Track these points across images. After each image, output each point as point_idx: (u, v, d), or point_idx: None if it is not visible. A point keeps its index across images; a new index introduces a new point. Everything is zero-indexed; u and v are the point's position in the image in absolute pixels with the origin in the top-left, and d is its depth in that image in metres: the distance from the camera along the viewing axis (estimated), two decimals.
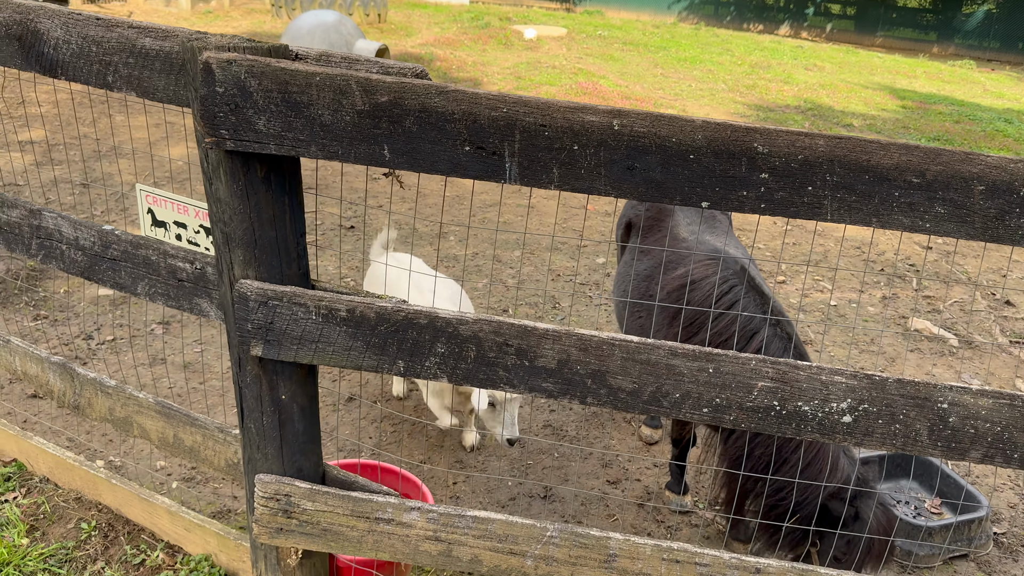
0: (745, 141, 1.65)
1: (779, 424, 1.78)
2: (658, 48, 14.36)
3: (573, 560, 1.99)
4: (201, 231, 2.04)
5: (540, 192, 6.82)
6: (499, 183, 1.71)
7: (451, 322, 1.80)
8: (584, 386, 1.82)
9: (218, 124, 1.68)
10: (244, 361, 1.92)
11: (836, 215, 1.69)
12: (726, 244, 2.76)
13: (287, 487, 2.01)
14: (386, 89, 1.65)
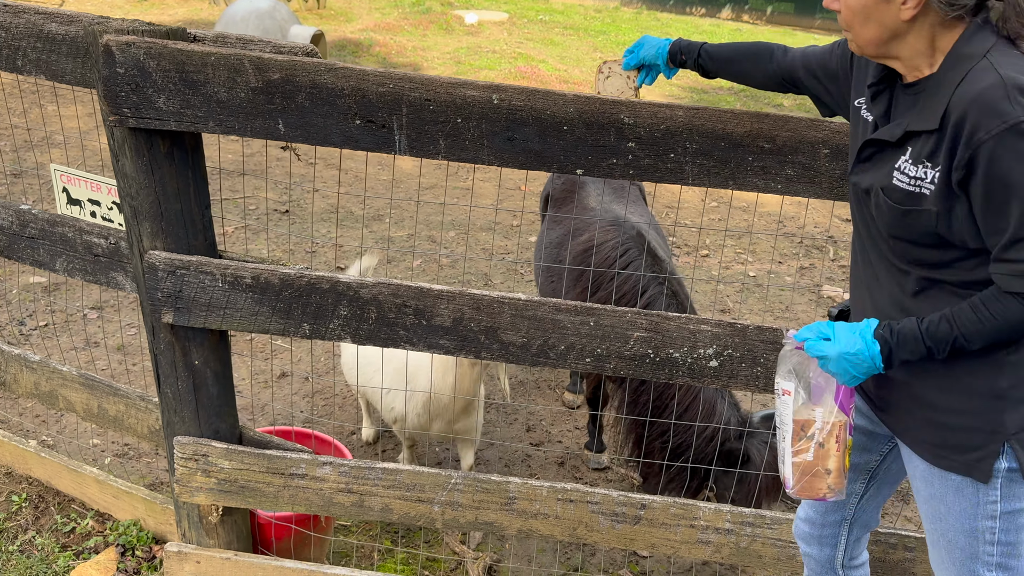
0: (612, 113, 1.80)
1: (654, 370, 1.95)
2: (599, 32, 14.54)
3: (476, 504, 2.15)
4: (114, 207, 2.13)
5: (478, 175, 6.95)
6: (390, 154, 1.84)
7: (352, 286, 1.93)
8: (478, 342, 1.97)
9: (120, 103, 1.79)
10: (157, 329, 2.03)
11: (696, 179, 1.86)
12: (629, 212, 2.93)
13: (204, 447, 2.13)
14: (277, 67, 1.76)
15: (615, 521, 2.14)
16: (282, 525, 2.33)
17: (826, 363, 1.52)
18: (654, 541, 2.15)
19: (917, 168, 1.41)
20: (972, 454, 1.50)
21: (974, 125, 1.31)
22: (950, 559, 1.61)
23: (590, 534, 2.16)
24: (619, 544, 2.17)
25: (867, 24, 1.43)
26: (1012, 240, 1.33)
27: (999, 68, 1.32)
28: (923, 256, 1.47)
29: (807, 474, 1.62)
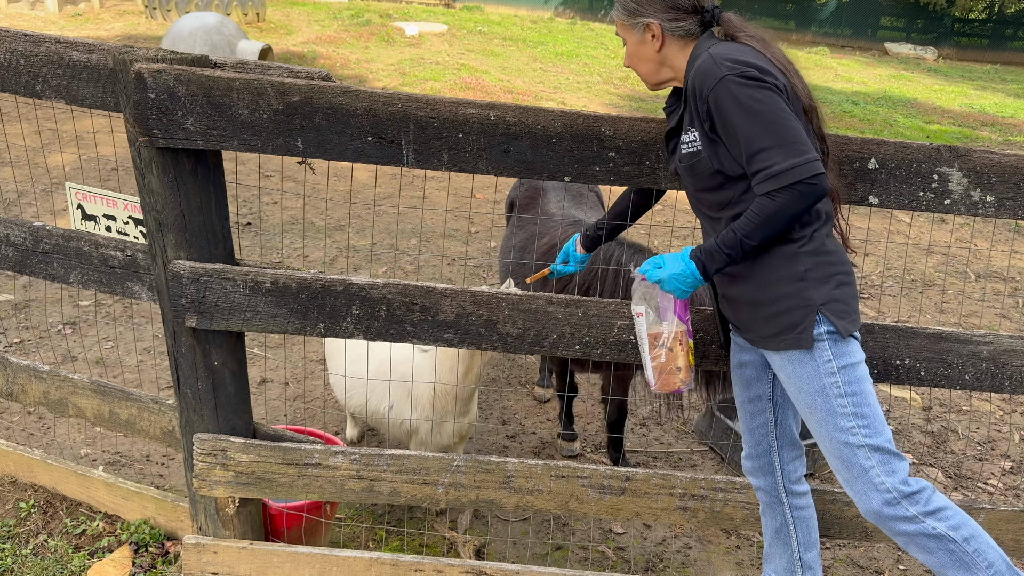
0: (595, 127, 2.05)
1: (635, 353, 2.19)
2: (536, 43, 14.88)
3: (477, 484, 2.35)
4: (130, 222, 2.28)
5: (431, 184, 7.14)
6: (399, 167, 2.04)
7: (363, 287, 2.12)
8: (479, 334, 2.18)
9: (151, 125, 1.95)
10: (179, 333, 2.19)
11: (670, 183, 2.12)
12: (587, 216, 3.20)
13: (223, 443, 2.29)
14: (297, 90, 1.95)
15: (603, 493, 2.37)
16: (293, 514, 2.50)
17: (662, 284, 1.97)
18: (638, 510, 2.39)
19: (687, 135, 1.95)
20: (796, 330, 1.92)
21: (700, 87, 1.85)
22: (819, 424, 1.96)
23: (580, 506, 2.38)
24: (606, 514, 2.40)
25: (641, 64, 2.04)
26: (749, 156, 1.81)
27: (712, 51, 1.88)
28: (719, 198, 1.96)
29: (663, 373, 2.05)
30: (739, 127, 1.81)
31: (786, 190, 1.78)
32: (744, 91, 1.80)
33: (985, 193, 2.13)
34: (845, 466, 1.96)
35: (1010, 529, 2.40)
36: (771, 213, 1.81)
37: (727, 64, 1.83)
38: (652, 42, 1.99)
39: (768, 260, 1.94)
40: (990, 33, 27.05)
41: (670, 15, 1.97)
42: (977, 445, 3.98)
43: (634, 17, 1.99)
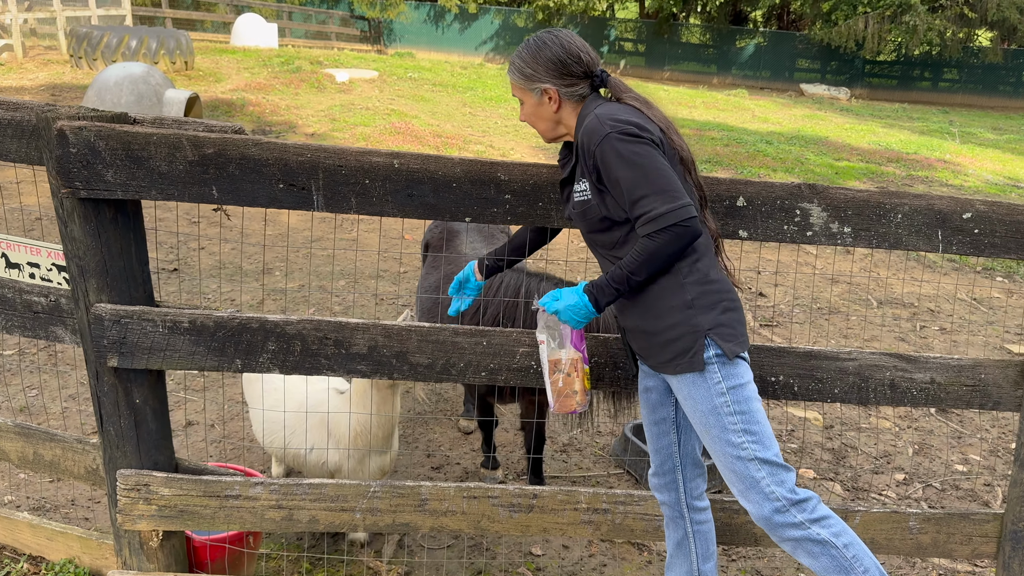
0: (492, 171, 2.25)
1: (537, 378, 2.38)
2: (466, 88, 15.24)
3: (393, 508, 2.49)
4: (53, 269, 2.38)
5: (362, 226, 7.29)
6: (310, 211, 2.21)
7: (279, 323, 2.27)
8: (391, 364, 2.34)
9: (72, 177, 2.08)
10: (101, 373, 2.29)
11: (562, 221, 2.33)
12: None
13: (146, 478, 2.38)
14: (211, 143, 2.11)
15: (512, 511, 2.53)
16: (216, 546, 2.59)
17: (559, 315, 2.16)
18: (546, 525, 2.55)
19: (579, 184, 2.17)
20: (688, 354, 2.12)
21: (588, 144, 2.08)
22: (713, 440, 2.16)
23: (492, 524, 2.54)
24: (517, 531, 2.56)
25: (538, 120, 2.25)
26: (631, 202, 2.04)
27: (598, 111, 2.12)
28: (609, 239, 2.18)
29: (561, 396, 2.24)
30: (622, 178, 2.04)
31: (664, 231, 2.01)
32: (625, 146, 2.03)
33: (843, 225, 2.40)
34: (738, 478, 2.16)
35: (883, 529, 2.64)
36: (652, 252, 2.03)
37: (610, 123, 2.06)
38: (549, 104, 2.20)
39: (657, 292, 2.15)
40: (898, 74, 28.67)
41: (565, 81, 2.18)
42: (874, 459, 4.27)
43: (532, 82, 2.19)
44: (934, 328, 6.18)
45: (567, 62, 2.18)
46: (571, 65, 2.18)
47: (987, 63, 27.21)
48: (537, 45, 2.20)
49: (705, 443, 2.22)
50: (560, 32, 2.23)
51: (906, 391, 2.54)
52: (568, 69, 2.18)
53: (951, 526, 2.66)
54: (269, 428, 3.07)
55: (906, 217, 2.39)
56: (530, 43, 2.23)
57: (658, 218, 2.00)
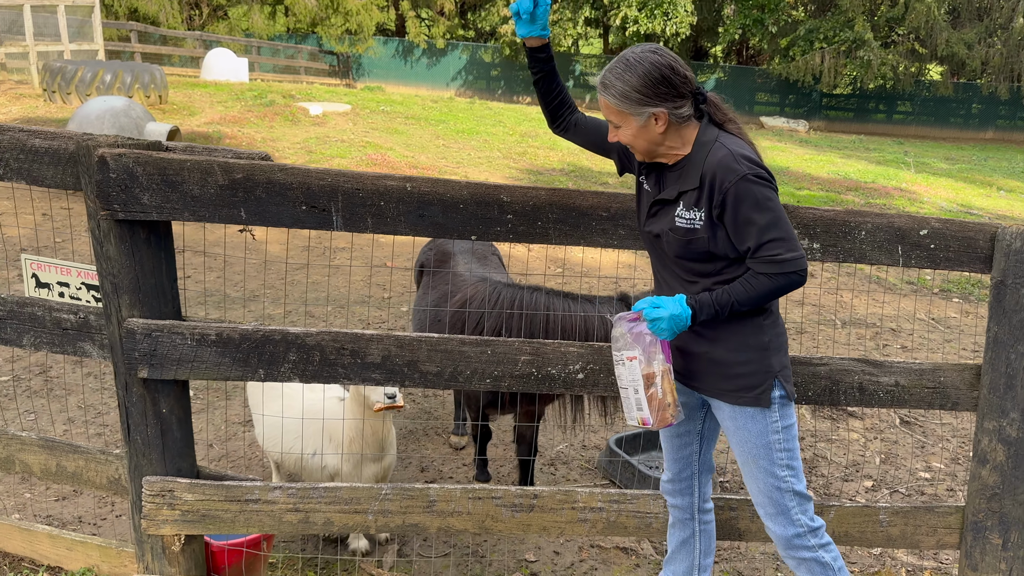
0: (495, 194, 2.46)
1: (537, 384, 2.57)
2: (438, 121, 15.53)
3: (404, 510, 2.65)
4: (83, 288, 2.53)
5: (343, 255, 7.45)
6: (329, 231, 2.39)
7: (299, 335, 2.44)
8: (403, 373, 2.51)
9: (111, 200, 2.24)
10: (131, 384, 2.43)
11: (558, 239, 2.54)
12: (490, 273, 3.63)
13: (170, 484, 2.52)
14: (240, 169, 2.30)
15: (514, 511, 2.70)
16: (233, 550, 2.72)
17: (658, 322, 2.17)
18: (545, 524, 2.73)
19: (689, 212, 2.19)
20: (756, 390, 2.27)
21: (720, 180, 2.11)
22: (757, 469, 2.35)
23: (496, 524, 2.71)
24: (518, 530, 2.73)
25: (639, 141, 2.22)
26: (757, 245, 2.12)
27: (727, 145, 2.16)
28: (703, 269, 2.25)
29: (659, 409, 2.25)
30: (753, 221, 2.10)
31: (784, 276, 2.13)
32: (761, 191, 2.10)
33: (812, 242, 2.64)
34: (771, 503, 2.38)
35: (856, 522, 2.85)
36: (766, 291, 2.15)
37: (746, 163, 2.11)
38: (656, 126, 2.17)
39: (739, 328, 2.25)
40: (854, 107, 29.66)
41: (675, 104, 2.15)
42: (844, 468, 4.50)
43: (639, 107, 2.14)
44: (896, 346, 6.48)
45: (676, 83, 2.14)
46: (679, 86, 2.15)
47: (938, 96, 28.27)
48: (644, 66, 2.13)
49: (745, 468, 2.39)
50: (662, 49, 2.17)
51: (873, 393, 2.77)
52: (677, 90, 2.15)
53: (917, 519, 2.88)
54: (276, 435, 3.21)
55: (869, 234, 2.64)
56: (632, 63, 2.14)
57: (783, 263, 2.11)
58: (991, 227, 2.74)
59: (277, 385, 3.36)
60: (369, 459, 3.17)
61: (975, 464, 2.88)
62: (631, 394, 2.28)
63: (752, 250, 2.14)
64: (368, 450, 3.15)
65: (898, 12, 25.40)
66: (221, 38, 23.36)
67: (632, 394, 2.28)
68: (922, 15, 24.65)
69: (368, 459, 3.17)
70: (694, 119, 2.22)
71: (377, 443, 3.16)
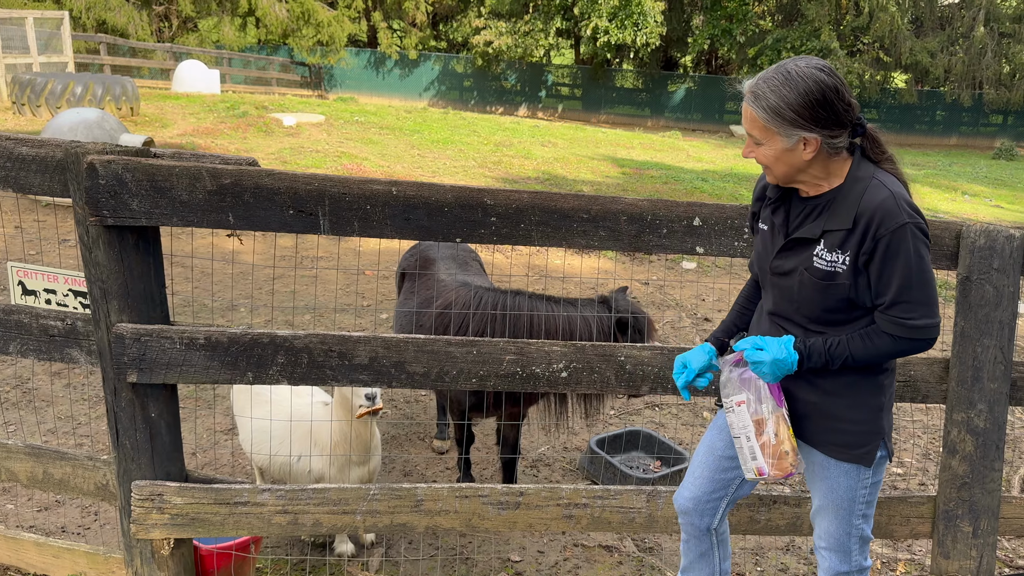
0: (479, 197, 2.52)
1: (522, 383, 2.63)
2: (412, 131, 15.56)
3: (392, 510, 2.69)
4: (70, 294, 2.55)
5: (324, 262, 7.46)
6: (317, 235, 2.44)
7: (287, 338, 2.48)
8: (390, 374, 2.56)
9: (101, 206, 2.27)
10: (120, 388, 2.45)
11: (540, 241, 2.60)
12: (471, 278, 3.69)
13: (160, 488, 2.54)
14: (228, 174, 2.33)
15: (500, 508, 2.75)
16: (222, 554, 2.74)
17: (760, 366, 2.03)
18: (531, 521, 2.78)
19: (832, 254, 2.00)
20: (862, 449, 2.16)
21: (878, 224, 1.93)
22: (836, 515, 2.26)
23: (482, 522, 2.75)
24: (505, 527, 2.78)
25: (779, 164, 2.01)
26: (893, 302, 1.97)
27: (888, 186, 1.98)
28: (833, 318, 2.07)
29: (774, 457, 2.10)
30: (899, 274, 1.93)
31: (913, 342, 2.00)
32: (919, 245, 1.93)
33: None
34: (836, 543, 2.31)
35: None
36: (888, 351, 2.01)
37: (908, 210, 1.93)
38: (803, 151, 1.96)
39: (859, 385, 2.11)
40: None
41: (832, 132, 1.94)
42: None
43: (791, 128, 1.93)
44: None
45: (839, 109, 1.93)
46: (842, 113, 1.94)
47: (904, 103, 28.85)
48: (808, 84, 1.91)
49: (821, 510, 2.29)
50: (830, 68, 1.95)
51: None
52: (838, 118, 1.94)
53: (891, 509, 2.97)
54: (261, 440, 3.23)
55: None
56: (794, 77, 1.91)
57: (916, 328, 1.98)
58: (956, 225, 2.85)
59: (263, 390, 3.39)
60: (355, 463, 3.20)
61: (945, 455, 2.98)
62: (744, 443, 2.16)
63: (886, 305, 1.99)
64: (353, 454, 3.18)
65: (863, 21, 25.92)
66: (192, 50, 23.24)
67: (745, 442, 2.16)
68: (886, 24, 25.18)
69: (354, 463, 3.20)
70: (845, 152, 2.02)
71: (363, 446, 3.19)
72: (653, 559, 3.58)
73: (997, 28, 26.47)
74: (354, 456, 3.18)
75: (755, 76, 2.01)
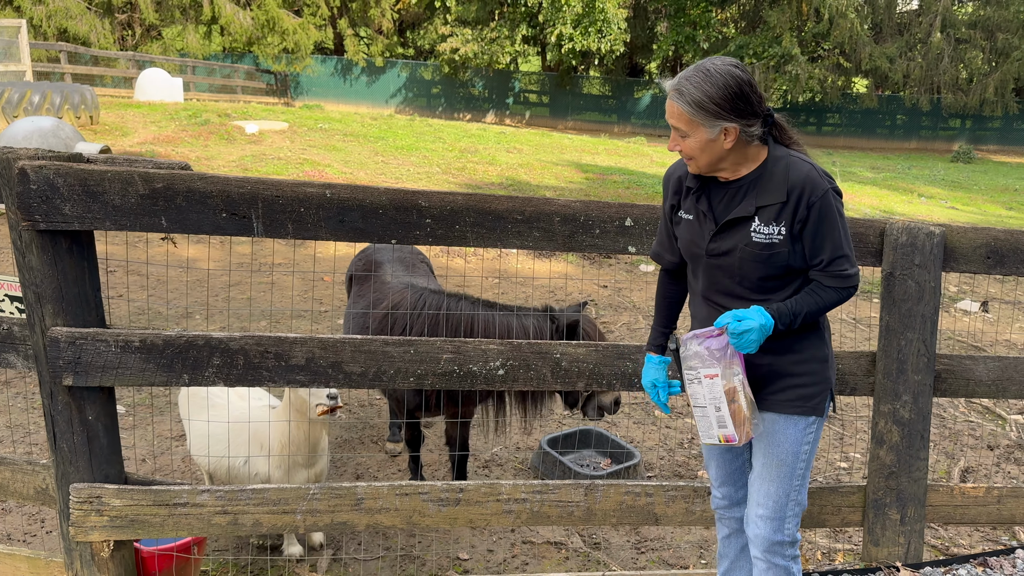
0: (413, 199, 2.57)
1: (459, 381, 2.68)
2: (377, 138, 15.56)
3: (331, 508, 2.72)
4: (5, 299, 2.56)
5: (279, 270, 7.45)
6: (250, 237, 2.47)
7: (223, 340, 2.51)
8: (327, 374, 2.60)
9: (32, 211, 2.29)
10: (56, 392, 2.47)
11: (475, 242, 2.66)
12: (415, 280, 3.75)
13: (98, 490, 2.55)
14: (160, 178, 2.36)
15: (441, 505, 2.80)
16: (164, 555, 2.75)
17: (749, 334, 2.13)
18: (471, 517, 2.83)
19: (768, 227, 2.18)
20: (814, 400, 2.31)
21: (809, 193, 2.14)
22: (776, 473, 2.34)
23: (423, 519, 2.79)
24: (446, 524, 2.82)
25: (704, 154, 2.18)
26: (832, 258, 2.18)
27: (807, 160, 2.21)
28: (775, 284, 2.24)
29: (742, 424, 2.21)
30: (830, 235, 2.16)
31: (847, 290, 2.22)
32: (838, 205, 2.18)
33: None
34: (774, 507, 2.37)
35: None
36: (831, 302, 2.21)
37: (826, 178, 2.16)
38: (724, 140, 2.15)
39: (805, 340, 2.29)
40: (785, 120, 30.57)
41: (749, 120, 2.14)
42: None
43: (713, 119, 2.11)
44: None
45: (752, 100, 2.14)
46: (755, 104, 2.15)
47: (865, 108, 29.38)
48: (724, 79, 2.11)
49: (765, 471, 2.37)
50: (742, 65, 2.16)
51: None
52: (752, 108, 2.14)
53: (823, 498, 3.06)
54: (204, 443, 3.25)
55: None
56: (713, 73, 2.12)
57: (848, 277, 2.20)
58: (880, 223, 2.96)
59: (210, 395, 3.40)
60: (301, 465, 3.23)
61: (873, 445, 3.08)
62: (711, 412, 2.24)
63: (824, 263, 2.19)
64: (300, 456, 3.21)
65: (823, 27, 26.38)
66: (155, 58, 23.02)
67: (713, 412, 2.24)
68: (846, 30, 25.64)
69: (300, 465, 3.23)
70: (758, 139, 2.21)
71: (309, 448, 3.22)
72: (600, 554, 3.64)
73: (953, 34, 27.08)
74: (301, 459, 3.20)
75: (676, 76, 2.19)
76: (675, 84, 2.16)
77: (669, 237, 2.45)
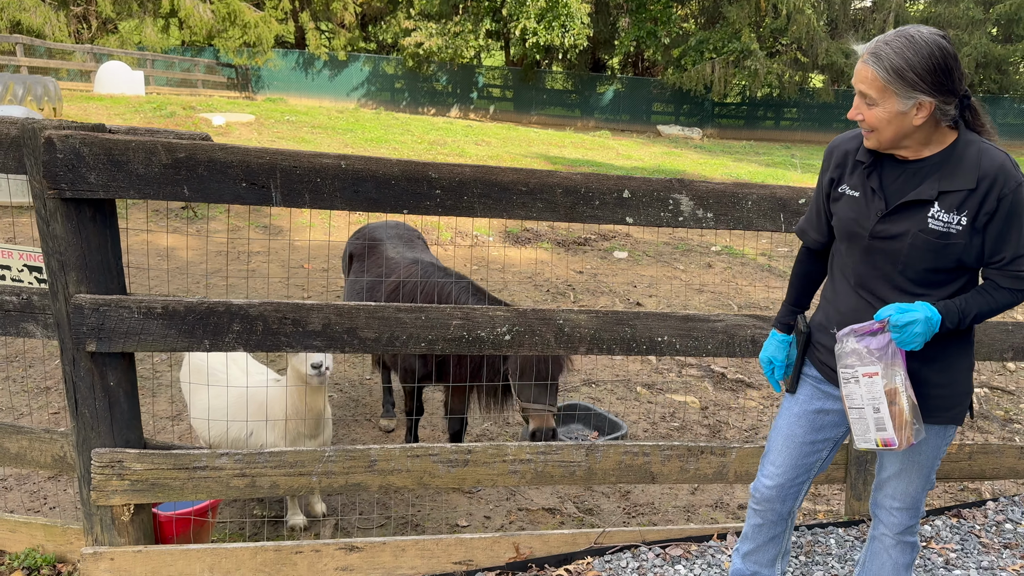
0: (424, 171, 2.67)
1: (468, 347, 2.79)
2: (345, 130, 15.54)
3: (346, 470, 2.82)
4: (25, 269, 2.60)
5: (259, 257, 7.47)
6: (269, 207, 2.56)
7: (243, 307, 2.59)
8: (343, 339, 2.69)
9: (59, 180, 2.35)
10: (78, 358, 2.53)
11: (483, 212, 2.77)
12: (420, 255, 3.84)
13: (120, 455, 2.62)
14: (183, 148, 2.44)
15: (450, 466, 2.91)
16: (181, 519, 2.82)
17: (912, 328, 1.99)
18: (479, 477, 2.95)
19: (949, 215, 2.01)
20: (954, 410, 2.20)
21: (1002, 184, 1.97)
22: (918, 476, 2.31)
23: (433, 480, 2.91)
24: (454, 484, 2.94)
25: (889, 127, 2.00)
26: (1014, 257, 2.02)
27: (998, 149, 2.04)
28: (937, 279, 2.07)
29: (904, 428, 2.05)
30: (1016, 231, 1.99)
31: (1022, 292, 2.06)
32: None
33: (706, 212, 2.96)
34: (912, 501, 2.35)
35: (754, 461, 3.19)
36: (1004, 303, 2.06)
37: (1020, 172, 2.00)
38: (915, 115, 1.98)
39: (950, 348, 2.14)
40: (745, 115, 31.17)
41: (946, 98, 1.97)
42: (744, 432, 4.89)
43: (910, 90, 1.94)
44: None
45: (955, 77, 1.97)
46: (956, 81, 1.97)
47: (821, 103, 30.01)
48: (929, 48, 1.93)
49: (900, 473, 2.32)
50: (948, 36, 1.98)
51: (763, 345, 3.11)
52: (953, 85, 1.96)
53: None
54: (213, 418, 3.32)
55: (755, 203, 2.98)
56: (918, 41, 1.94)
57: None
58: None
59: (212, 371, 3.48)
60: (306, 436, 3.32)
61: None
62: (869, 413, 2.10)
63: (1005, 261, 2.03)
64: (305, 427, 3.30)
65: (781, 23, 26.90)
66: (113, 51, 22.64)
67: (871, 413, 2.10)
68: (803, 26, 26.18)
69: (305, 436, 3.32)
70: (947, 122, 2.04)
71: (314, 419, 3.31)
72: (593, 519, 3.79)
73: None
74: (306, 429, 3.29)
75: (873, 40, 2.04)
76: (872, 47, 1.99)
77: (819, 213, 2.32)
